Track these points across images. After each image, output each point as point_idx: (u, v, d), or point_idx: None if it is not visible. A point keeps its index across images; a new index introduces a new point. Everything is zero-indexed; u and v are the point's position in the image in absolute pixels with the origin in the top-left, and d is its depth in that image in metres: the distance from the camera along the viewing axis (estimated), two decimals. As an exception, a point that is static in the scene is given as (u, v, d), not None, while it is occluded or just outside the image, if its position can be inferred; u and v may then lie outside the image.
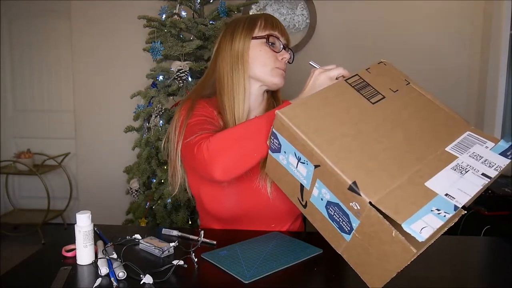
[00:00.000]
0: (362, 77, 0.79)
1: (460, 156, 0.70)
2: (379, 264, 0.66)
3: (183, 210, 1.83)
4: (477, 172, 0.68)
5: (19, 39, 3.20)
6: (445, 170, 0.68)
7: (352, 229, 0.66)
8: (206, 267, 0.79)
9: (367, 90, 0.77)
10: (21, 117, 3.29)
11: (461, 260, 0.86)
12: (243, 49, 1.03)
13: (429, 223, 0.60)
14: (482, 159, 0.70)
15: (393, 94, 0.78)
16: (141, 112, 1.90)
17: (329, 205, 0.69)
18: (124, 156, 2.48)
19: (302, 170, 0.72)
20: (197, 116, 0.99)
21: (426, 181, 0.65)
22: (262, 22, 1.04)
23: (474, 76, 2.47)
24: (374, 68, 0.82)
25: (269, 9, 2.55)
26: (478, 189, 0.66)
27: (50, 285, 0.71)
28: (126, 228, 1.04)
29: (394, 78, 0.82)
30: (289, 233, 0.97)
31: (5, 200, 3.26)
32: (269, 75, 1.03)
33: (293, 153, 0.72)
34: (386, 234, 0.61)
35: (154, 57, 1.89)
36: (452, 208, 0.62)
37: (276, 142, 0.75)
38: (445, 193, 0.64)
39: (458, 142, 0.73)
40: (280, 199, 1.00)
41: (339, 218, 0.68)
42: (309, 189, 0.72)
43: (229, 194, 0.98)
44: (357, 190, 0.62)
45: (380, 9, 2.49)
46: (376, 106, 0.75)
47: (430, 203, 0.62)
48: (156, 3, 2.11)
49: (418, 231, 0.59)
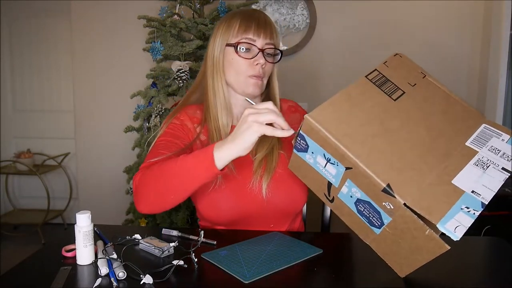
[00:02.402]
0: (381, 72, 0.80)
1: (479, 151, 0.72)
2: (409, 255, 0.70)
3: (183, 210, 1.83)
4: (498, 167, 0.70)
5: (19, 39, 3.20)
6: (468, 165, 0.70)
7: (383, 224, 0.69)
8: (206, 267, 0.79)
9: (387, 86, 0.78)
10: (21, 117, 3.29)
11: (461, 260, 0.86)
12: (218, 57, 1.03)
13: (461, 221, 0.63)
14: (500, 152, 0.72)
15: (411, 89, 0.80)
16: (141, 112, 1.90)
17: (359, 202, 0.71)
18: (124, 156, 2.48)
19: (331, 170, 0.73)
20: (164, 136, 1.01)
21: (453, 178, 0.68)
22: (236, 26, 1.00)
23: (474, 76, 2.47)
24: (391, 61, 0.83)
25: (269, 9, 2.55)
26: (500, 184, 0.69)
27: (50, 285, 0.70)
28: (126, 228, 1.04)
29: (411, 71, 0.83)
30: (289, 233, 0.97)
31: (5, 200, 3.26)
32: (243, 85, 1.02)
33: (322, 154, 0.73)
34: (420, 232, 0.64)
35: (154, 57, 1.89)
36: (479, 205, 0.65)
37: (303, 143, 0.75)
38: (471, 190, 0.67)
39: (476, 135, 0.75)
40: (276, 200, 1.00)
41: (369, 214, 0.71)
42: (337, 187, 0.74)
43: (224, 200, 0.98)
44: (392, 192, 0.64)
45: (380, 9, 2.48)
46: (398, 103, 0.76)
47: (460, 201, 0.65)
48: (156, 3, 2.11)
49: (453, 231, 0.62)
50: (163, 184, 0.85)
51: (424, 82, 0.82)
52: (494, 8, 2.31)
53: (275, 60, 1.04)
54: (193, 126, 1.05)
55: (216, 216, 1.00)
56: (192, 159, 0.82)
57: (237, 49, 0.99)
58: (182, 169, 0.83)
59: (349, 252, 0.79)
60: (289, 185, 1.02)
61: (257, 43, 1.00)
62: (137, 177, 0.90)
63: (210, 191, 0.98)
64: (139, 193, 0.88)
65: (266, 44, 1.00)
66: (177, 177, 0.83)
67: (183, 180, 0.83)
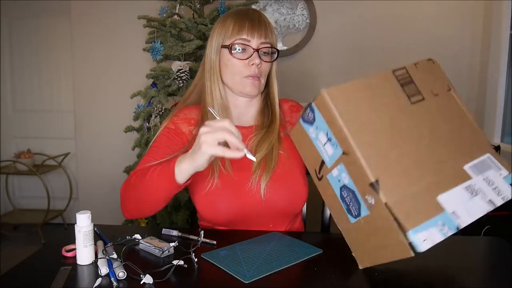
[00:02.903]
0: (409, 71, 0.79)
1: (474, 177, 0.72)
2: (375, 250, 0.72)
3: (183, 210, 1.83)
4: (486, 198, 0.70)
5: (19, 39, 3.20)
6: (458, 187, 0.70)
7: (360, 216, 0.71)
8: (206, 267, 0.79)
9: (410, 87, 0.77)
10: (21, 117, 3.29)
11: (461, 260, 0.86)
12: (214, 59, 1.03)
13: (432, 236, 0.64)
14: (493, 185, 0.72)
15: (432, 98, 0.78)
16: (141, 112, 1.90)
17: (344, 188, 0.73)
18: (124, 156, 2.48)
19: (329, 149, 0.74)
20: (157, 142, 1.04)
21: (440, 194, 0.68)
22: (230, 27, 1.00)
23: (474, 76, 2.47)
24: (422, 65, 0.81)
25: (269, 9, 2.55)
26: (482, 214, 0.69)
27: (50, 285, 0.70)
28: (126, 228, 1.04)
29: (438, 81, 0.82)
30: (289, 233, 0.97)
31: (5, 200, 3.26)
32: (240, 85, 1.02)
33: (326, 132, 0.73)
34: (392, 233, 0.65)
35: (154, 57, 1.89)
36: (455, 226, 0.66)
37: (311, 115, 0.76)
38: (452, 211, 0.67)
39: (477, 162, 0.74)
40: (274, 199, 1.00)
41: (350, 202, 0.73)
42: (329, 168, 0.75)
43: (223, 200, 0.98)
44: (378, 188, 0.65)
45: (380, 9, 2.49)
46: (414, 107, 0.75)
47: (438, 216, 0.66)
48: (156, 3, 2.11)
49: (420, 242, 0.63)
50: (137, 195, 0.91)
51: (446, 95, 0.81)
52: (494, 8, 2.31)
53: (271, 59, 1.03)
54: (189, 130, 1.06)
55: (215, 216, 1.00)
56: (158, 172, 0.86)
57: (232, 50, 0.99)
58: (150, 181, 0.87)
59: (349, 252, 0.79)
60: (288, 185, 1.02)
61: (252, 43, 0.99)
62: (125, 183, 0.95)
63: (208, 191, 0.98)
64: (122, 201, 0.95)
65: (261, 43, 1.00)
66: (147, 188, 0.88)
67: (151, 192, 0.88)
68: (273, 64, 1.06)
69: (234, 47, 0.99)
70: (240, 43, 0.99)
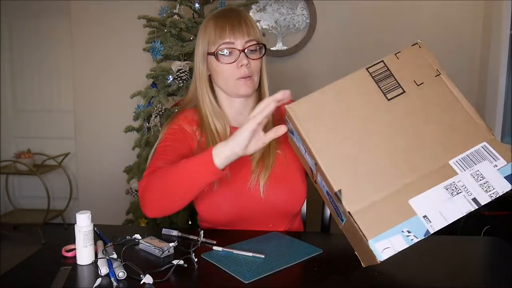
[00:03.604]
0: (387, 64, 0.74)
1: (460, 173, 0.66)
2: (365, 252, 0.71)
3: (183, 210, 1.82)
4: (469, 196, 0.65)
5: (19, 39, 3.20)
6: (436, 187, 0.66)
7: (343, 220, 0.72)
8: (206, 267, 0.79)
9: (387, 82, 0.72)
10: (21, 117, 3.29)
11: (461, 260, 0.86)
12: (202, 68, 1.04)
13: (394, 244, 0.63)
14: (482, 180, 0.66)
15: (415, 89, 0.72)
16: (141, 112, 1.90)
17: (327, 193, 0.75)
18: (124, 156, 2.48)
19: (308, 158, 0.76)
20: (164, 141, 1.01)
21: (412, 198, 0.65)
22: (211, 33, 0.99)
23: (474, 76, 2.47)
24: (405, 53, 0.75)
25: (269, 9, 2.55)
26: (459, 216, 0.64)
27: (50, 285, 0.71)
28: (126, 228, 1.04)
29: (424, 67, 0.74)
30: (288, 233, 0.97)
31: (5, 200, 3.26)
32: (233, 88, 1.01)
33: (301, 143, 0.75)
34: (363, 239, 0.65)
35: (154, 57, 1.89)
36: (423, 232, 0.63)
37: (290, 127, 0.77)
38: (423, 215, 0.64)
39: (466, 154, 0.68)
40: (274, 199, 1.00)
41: (335, 206, 0.74)
42: (315, 174, 0.77)
43: (224, 201, 0.98)
44: (340, 198, 0.66)
45: (380, 9, 2.48)
46: (391, 103, 0.71)
47: (404, 223, 0.64)
48: (156, 3, 2.11)
49: (380, 251, 0.63)
50: (167, 188, 0.85)
51: (434, 82, 0.73)
52: (494, 8, 2.31)
53: (260, 55, 1.02)
54: (192, 129, 1.05)
55: (216, 217, 1.01)
56: (193, 159, 0.83)
57: (217, 56, 0.99)
58: (183, 170, 0.83)
59: (349, 252, 0.80)
60: (287, 185, 1.02)
61: (236, 44, 0.98)
62: (142, 183, 0.89)
63: (209, 193, 0.98)
64: (145, 199, 0.88)
65: (245, 42, 0.98)
66: (180, 179, 0.83)
67: (185, 182, 0.83)
68: (262, 59, 1.04)
69: (219, 53, 0.98)
70: (225, 47, 0.98)
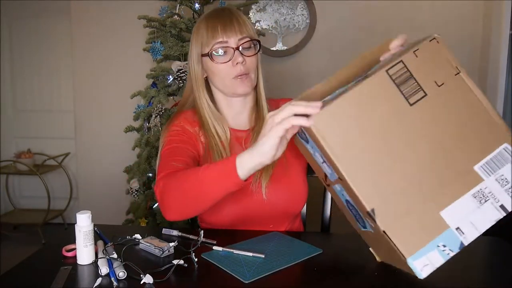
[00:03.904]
0: (407, 64, 0.69)
1: (486, 179, 0.64)
2: (388, 252, 0.69)
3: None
4: (497, 203, 0.64)
5: (19, 39, 3.20)
6: (465, 196, 0.64)
7: (366, 228, 0.71)
8: (206, 267, 0.79)
9: (409, 84, 0.68)
10: (21, 117, 3.29)
11: (461, 260, 0.85)
12: (197, 70, 1.03)
13: (431, 260, 0.62)
14: (508, 185, 0.64)
15: (436, 91, 0.68)
16: (141, 112, 1.90)
17: (348, 202, 0.72)
18: (124, 156, 2.48)
19: (327, 168, 0.72)
20: (169, 144, 0.98)
21: (443, 209, 0.64)
22: (204, 34, 0.98)
23: (474, 76, 2.47)
24: (423, 50, 0.70)
25: (269, 9, 2.55)
26: (489, 225, 0.64)
27: (50, 285, 0.71)
28: (126, 228, 1.04)
29: (443, 65, 0.70)
30: (289, 233, 0.97)
31: (5, 200, 3.26)
32: (231, 88, 1.00)
33: (320, 154, 0.70)
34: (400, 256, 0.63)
35: (154, 57, 1.89)
36: (458, 245, 0.63)
37: (304, 136, 0.72)
38: (456, 227, 0.63)
39: (490, 158, 0.65)
40: (275, 200, 1.00)
41: (357, 214, 0.71)
42: (333, 181, 0.73)
43: (227, 204, 0.98)
44: (374, 217, 0.63)
45: (380, 9, 2.48)
46: (413, 109, 0.67)
47: (439, 237, 0.63)
48: (156, 3, 2.11)
49: (420, 269, 0.62)
50: (186, 194, 0.83)
51: (454, 81, 0.69)
52: (494, 8, 2.31)
53: (255, 51, 1.01)
54: (195, 130, 1.04)
55: (218, 220, 1.01)
56: (214, 167, 0.79)
57: (212, 57, 0.98)
58: (205, 178, 0.80)
59: (349, 252, 0.80)
60: (288, 186, 1.02)
61: (230, 43, 0.97)
62: (159, 186, 0.87)
63: None
64: (165, 202, 0.86)
65: (239, 40, 0.97)
66: (201, 186, 0.80)
67: (206, 189, 0.80)
68: (258, 56, 1.03)
69: (213, 53, 0.98)
70: (219, 47, 0.97)
